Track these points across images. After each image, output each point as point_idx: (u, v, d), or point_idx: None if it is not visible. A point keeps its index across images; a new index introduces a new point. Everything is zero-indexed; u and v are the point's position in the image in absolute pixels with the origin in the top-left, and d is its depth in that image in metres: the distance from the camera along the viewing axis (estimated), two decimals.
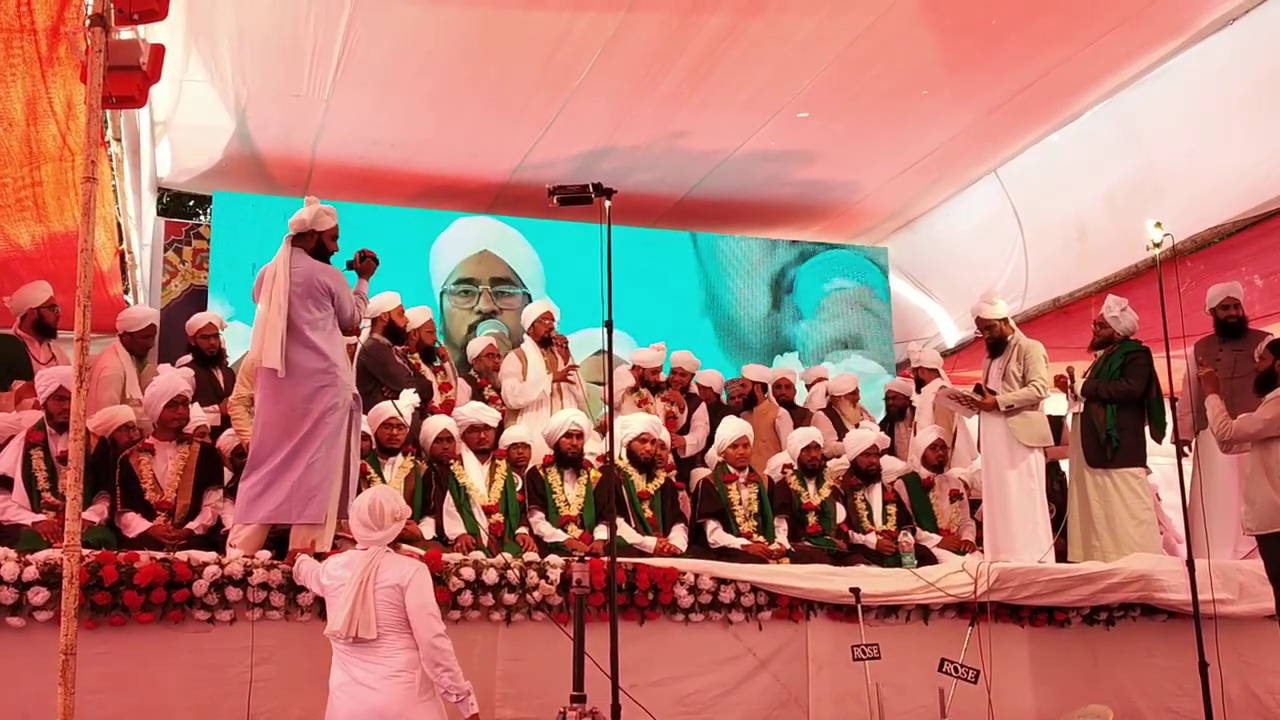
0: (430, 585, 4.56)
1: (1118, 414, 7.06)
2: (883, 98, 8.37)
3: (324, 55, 7.51)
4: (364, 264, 6.04)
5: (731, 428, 7.19)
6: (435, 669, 4.39)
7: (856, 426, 8.30)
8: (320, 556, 5.36)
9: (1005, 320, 7.43)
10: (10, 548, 5.06)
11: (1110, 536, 6.96)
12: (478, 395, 7.76)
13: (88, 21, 4.26)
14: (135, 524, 5.80)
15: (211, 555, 5.24)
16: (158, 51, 4.50)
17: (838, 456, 7.89)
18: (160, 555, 5.18)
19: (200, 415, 6.65)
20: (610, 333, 4.95)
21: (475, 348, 8.24)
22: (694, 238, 10.73)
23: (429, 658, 4.39)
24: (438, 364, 7.67)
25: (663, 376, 8.28)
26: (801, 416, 8.66)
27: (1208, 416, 6.39)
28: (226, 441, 6.59)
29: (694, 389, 8.60)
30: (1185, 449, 7.11)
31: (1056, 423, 7.74)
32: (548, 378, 7.69)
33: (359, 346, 7.23)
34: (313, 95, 8.09)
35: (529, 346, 7.94)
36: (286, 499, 5.31)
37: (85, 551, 4.71)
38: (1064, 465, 7.68)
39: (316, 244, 5.70)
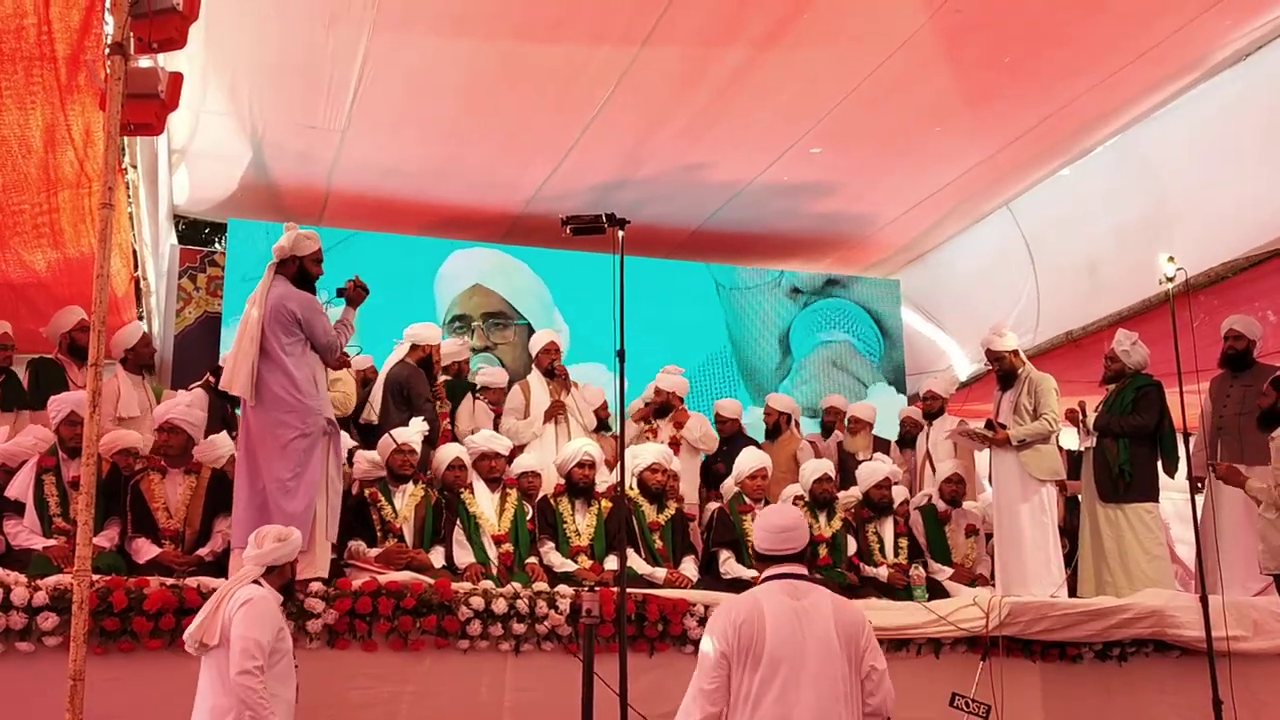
0: (259, 619, 4.31)
1: (1130, 448, 7.03)
2: (897, 132, 8.41)
3: (340, 86, 7.56)
4: (355, 292, 6.05)
5: (750, 459, 7.17)
6: (240, 708, 4.17)
7: (870, 458, 8.26)
8: (326, 582, 5.40)
9: (1015, 353, 7.38)
10: (20, 573, 5.07)
11: (1123, 571, 6.92)
12: (495, 425, 7.75)
13: (107, 50, 4.31)
14: (145, 550, 5.78)
15: (221, 581, 5.23)
16: (176, 80, 4.55)
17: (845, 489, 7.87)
18: (170, 581, 5.19)
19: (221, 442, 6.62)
20: (622, 362, 4.95)
21: (492, 379, 8.26)
22: (717, 270, 10.79)
23: (235, 695, 4.19)
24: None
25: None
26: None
27: (1253, 498, 6.37)
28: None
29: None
30: (1199, 484, 7.07)
31: (1077, 458, 7.70)
32: (541, 418, 7.64)
33: (388, 368, 7.25)
34: (328, 126, 8.14)
35: (534, 379, 7.90)
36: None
37: (95, 577, 4.71)
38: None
39: (298, 269, 5.72)
